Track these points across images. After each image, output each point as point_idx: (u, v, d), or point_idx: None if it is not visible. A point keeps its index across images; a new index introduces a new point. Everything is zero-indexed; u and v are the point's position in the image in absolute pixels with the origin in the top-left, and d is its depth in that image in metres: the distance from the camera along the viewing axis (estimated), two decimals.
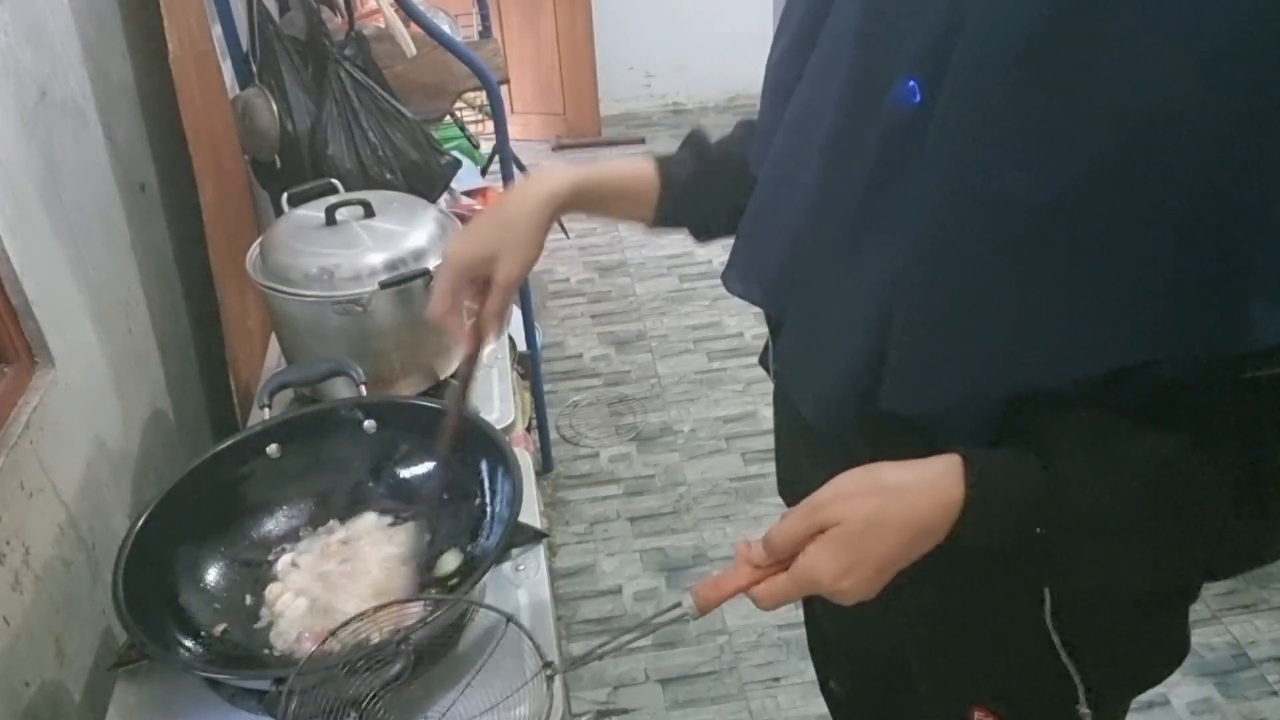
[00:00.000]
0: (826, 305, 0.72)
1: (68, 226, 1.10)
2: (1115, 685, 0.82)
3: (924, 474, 0.63)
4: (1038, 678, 0.79)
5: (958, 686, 0.85)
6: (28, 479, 0.94)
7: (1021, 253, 0.59)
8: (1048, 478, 0.61)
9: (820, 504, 0.64)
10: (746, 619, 1.98)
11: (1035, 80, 0.56)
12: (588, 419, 2.62)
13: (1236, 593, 1.96)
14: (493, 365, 1.39)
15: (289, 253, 1.20)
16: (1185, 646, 0.82)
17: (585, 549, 2.18)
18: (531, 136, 4.29)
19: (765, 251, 0.80)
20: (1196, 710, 1.75)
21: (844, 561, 0.63)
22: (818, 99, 0.71)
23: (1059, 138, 0.56)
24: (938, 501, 0.62)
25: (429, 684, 0.87)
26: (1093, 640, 0.77)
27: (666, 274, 3.26)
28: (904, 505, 0.63)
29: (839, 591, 0.64)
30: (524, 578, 0.98)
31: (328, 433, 1.07)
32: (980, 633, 0.80)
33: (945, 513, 0.62)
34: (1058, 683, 0.78)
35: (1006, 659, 0.80)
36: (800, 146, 0.73)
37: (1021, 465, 0.62)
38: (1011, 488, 0.62)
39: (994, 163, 0.58)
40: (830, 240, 0.71)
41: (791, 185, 0.75)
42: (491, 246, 0.81)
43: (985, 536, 0.63)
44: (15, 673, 0.88)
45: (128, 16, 1.36)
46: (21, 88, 1.03)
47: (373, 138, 1.68)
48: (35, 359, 1.01)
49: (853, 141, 0.67)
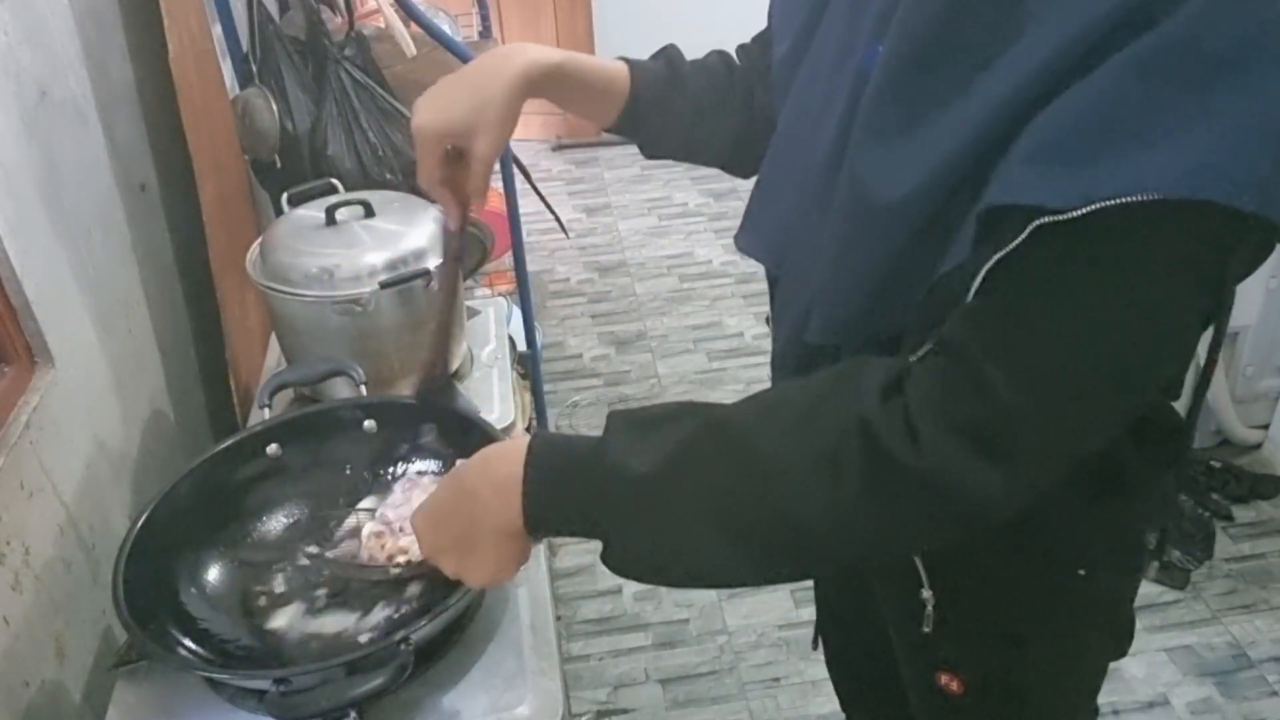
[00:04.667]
0: (804, 258, 0.76)
1: (68, 226, 1.10)
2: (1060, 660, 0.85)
3: (492, 446, 0.73)
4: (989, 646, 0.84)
5: (924, 651, 0.88)
6: (28, 479, 0.94)
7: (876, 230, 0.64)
8: (597, 450, 0.65)
9: None
10: (747, 619, 1.98)
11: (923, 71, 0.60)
12: (588, 419, 2.62)
13: (1236, 593, 1.96)
14: (493, 365, 1.39)
15: (289, 253, 1.20)
16: (1128, 631, 0.86)
17: (585, 549, 2.18)
18: (531, 136, 4.29)
19: (768, 211, 0.83)
20: (1196, 710, 1.75)
21: (422, 508, 0.76)
22: (815, 66, 0.75)
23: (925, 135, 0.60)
24: (481, 462, 0.71)
25: (429, 684, 0.87)
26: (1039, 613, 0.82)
27: (666, 274, 3.27)
28: (459, 466, 0.74)
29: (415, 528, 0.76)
30: (524, 578, 0.98)
31: (328, 433, 1.07)
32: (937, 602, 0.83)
33: (485, 476, 0.70)
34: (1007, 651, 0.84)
35: (960, 628, 0.83)
36: (801, 110, 0.77)
37: (580, 444, 0.67)
38: (561, 455, 0.67)
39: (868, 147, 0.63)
40: (812, 199, 0.74)
41: (792, 148, 0.78)
42: (469, 119, 0.78)
43: (548, 510, 0.67)
44: (15, 673, 0.88)
45: (128, 16, 1.36)
46: (21, 88, 1.03)
47: (373, 138, 1.68)
48: (35, 359, 1.01)
49: (829, 105, 0.71)
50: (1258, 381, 2.23)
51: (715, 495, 0.63)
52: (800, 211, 0.76)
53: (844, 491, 0.59)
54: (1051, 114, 0.53)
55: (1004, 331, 0.56)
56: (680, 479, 0.63)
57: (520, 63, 0.80)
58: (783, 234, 0.80)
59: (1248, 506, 2.16)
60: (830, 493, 0.60)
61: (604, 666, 1.91)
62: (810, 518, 0.61)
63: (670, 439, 0.64)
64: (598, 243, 3.48)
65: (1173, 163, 0.49)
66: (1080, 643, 0.85)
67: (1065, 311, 0.55)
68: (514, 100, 0.79)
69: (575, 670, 1.89)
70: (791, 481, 0.60)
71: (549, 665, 0.89)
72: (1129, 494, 0.77)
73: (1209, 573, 2.00)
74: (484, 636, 0.91)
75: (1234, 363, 2.20)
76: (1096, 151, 0.51)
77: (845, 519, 0.61)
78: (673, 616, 2.01)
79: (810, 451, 0.60)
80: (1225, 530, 2.10)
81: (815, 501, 0.60)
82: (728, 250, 3.32)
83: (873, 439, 0.58)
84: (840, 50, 0.71)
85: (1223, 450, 2.28)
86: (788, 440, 0.61)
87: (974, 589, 0.80)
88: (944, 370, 0.58)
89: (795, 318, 0.77)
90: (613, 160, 4.06)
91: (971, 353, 0.57)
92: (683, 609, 2.02)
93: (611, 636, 1.97)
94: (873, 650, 1.04)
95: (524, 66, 0.79)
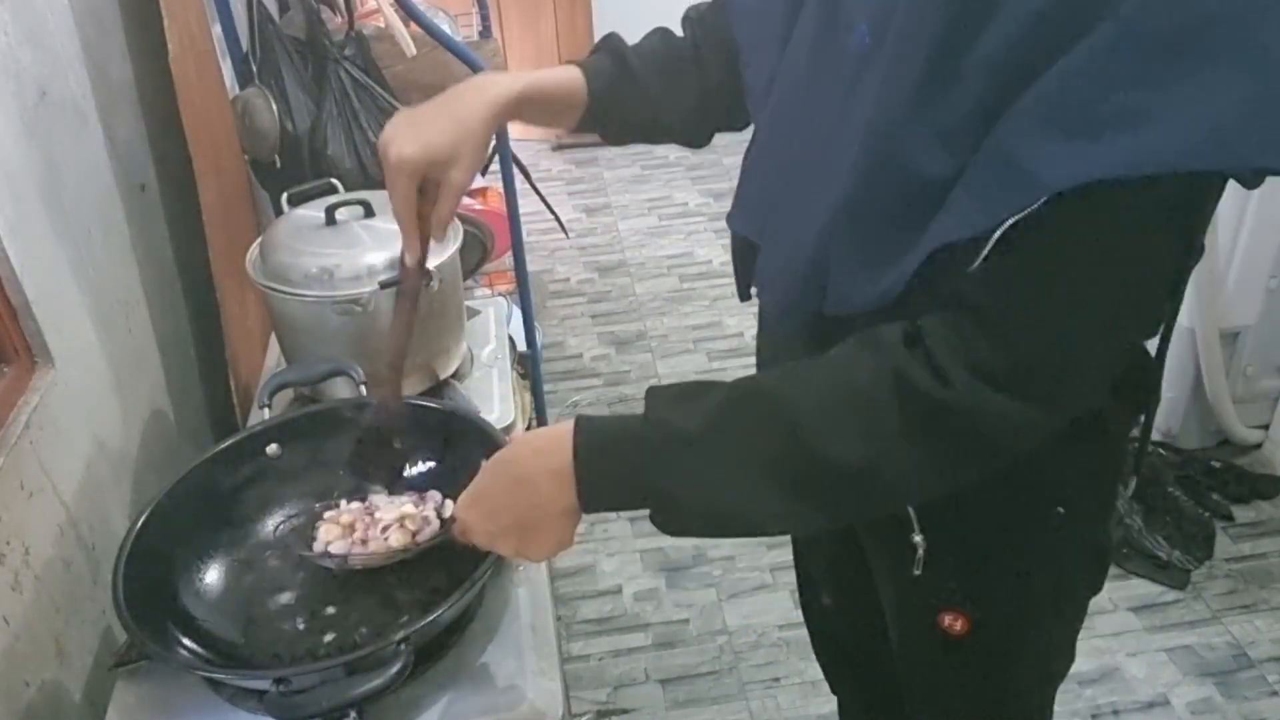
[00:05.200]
0: (791, 226, 0.80)
1: (68, 226, 1.10)
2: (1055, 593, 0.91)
3: (539, 431, 0.75)
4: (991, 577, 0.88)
5: (926, 593, 0.90)
6: (28, 479, 0.94)
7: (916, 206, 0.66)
8: (643, 421, 0.70)
9: None
10: (747, 619, 1.98)
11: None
12: None
13: (1236, 593, 1.96)
14: (493, 365, 1.39)
15: (289, 253, 1.20)
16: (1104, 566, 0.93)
17: (585, 549, 2.18)
18: (531, 136, 4.29)
19: (752, 185, 0.90)
20: (1196, 710, 1.75)
21: (467, 494, 0.78)
22: (797, 51, 0.80)
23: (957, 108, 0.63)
24: (535, 451, 0.74)
25: (429, 684, 0.87)
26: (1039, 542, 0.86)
27: (666, 274, 3.26)
28: (506, 452, 0.77)
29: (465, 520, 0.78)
30: (524, 578, 0.98)
31: (328, 433, 1.07)
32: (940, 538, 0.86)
33: (540, 462, 0.72)
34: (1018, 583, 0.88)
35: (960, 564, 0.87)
36: (789, 92, 0.82)
37: (623, 421, 0.71)
38: (608, 433, 0.71)
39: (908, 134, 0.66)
40: (798, 171, 0.79)
41: (777, 128, 0.84)
42: (447, 150, 0.81)
43: (602, 487, 0.71)
44: (15, 673, 0.88)
45: (128, 16, 1.36)
46: (21, 88, 1.03)
47: (373, 137, 1.68)
48: (35, 359, 1.01)
49: (819, 84, 0.76)
50: (1258, 381, 2.23)
51: (761, 450, 0.67)
52: (786, 183, 0.82)
53: (882, 435, 0.65)
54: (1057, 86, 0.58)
55: (1019, 288, 0.62)
56: (726, 437, 0.68)
57: (493, 94, 0.84)
58: (765, 205, 0.86)
59: (1248, 506, 2.15)
60: (868, 438, 0.65)
61: (604, 666, 1.90)
62: (851, 464, 0.66)
63: (711, 402, 0.69)
64: (598, 243, 3.47)
65: (1173, 137, 0.55)
66: (1068, 576, 0.90)
67: (1075, 269, 0.61)
68: (490, 130, 0.84)
69: (575, 670, 1.89)
70: (832, 432, 0.66)
71: (549, 665, 0.89)
72: (1104, 437, 0.83)
73: (1209, 573, 2.00)
74: (484, 636, 0.91)
75: (1234, 363, 2.20)
76: (1103, 126, 0.56)
77: (884, 461, 0.66)
78: (673, 616, 2.01)
79: (846, 403, 0.66)
80: (1225, 530, 2.10)
81: (855, 448, 0.65)
82: (728, 250, 3.32)
83: (906, 383, 0.64)
84: (821, 31, 0.76)
85: (1223, 450, 2.27)
86: (823, 395, 0.67)
87: (964, 528, 0.84)
88: (962, 323, 0.64)
89: (790, 284, 0.80)
90: (613, 160, 4.06)
91: (989, 307, 0.63)
92: (683, 609, 2.02)
93: (611, 636, 1.97)
94: (856, 621, 1.10)
95: (496, 96, 0.84)
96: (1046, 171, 0.58)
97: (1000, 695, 0.98)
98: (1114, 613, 1.94)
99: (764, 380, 0.71)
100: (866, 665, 1.21)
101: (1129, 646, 1.87)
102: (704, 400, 0.69)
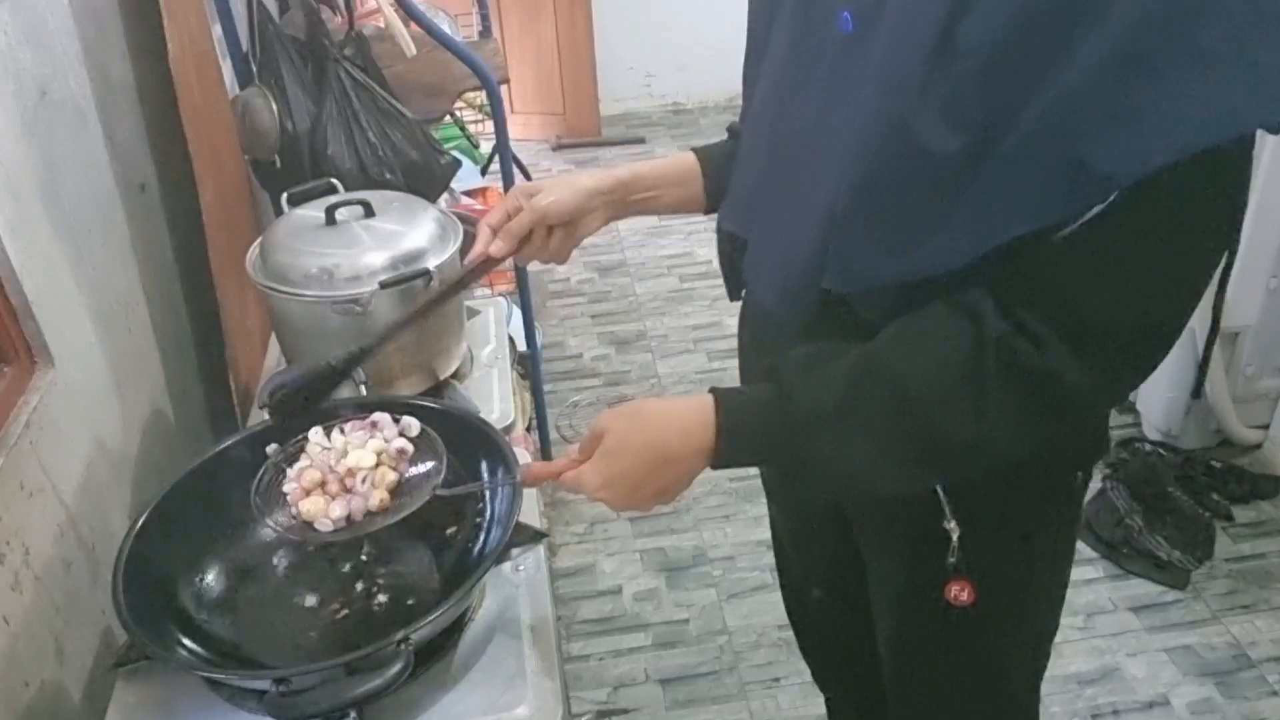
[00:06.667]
0: (788, 213, 0.83)
1: (67, 226, 1.10)
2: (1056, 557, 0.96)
3: (679, 410, 0.78)
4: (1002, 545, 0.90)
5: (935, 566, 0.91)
6: (28, 479, 0.94)
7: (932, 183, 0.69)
8: (775, 390, 0.75)
9: (604, 416, 0.80)
10: (747, 619, 1.98)
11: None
12: (588, 419, 2.62)
13: (1236, 593, 1.96)
14: (493, 365, 1.39)
15: (289, 253, 1.20)
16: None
17: (585, 549, 2.18)
18: (531, 136, 4.29)
19: (742, 185, 0.93)
20: (1196, 710, 1.75)
21: (601, 474, 0.78)
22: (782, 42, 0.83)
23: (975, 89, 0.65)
24: (683, 434, 0.77)
25: (429, 684, 0.87)
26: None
27: (666, 274, 3.27)
28: (648, 433, 0.78)
29: (601, 499, 0.79)
30: (524, 578, 0.98)
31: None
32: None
33: (689, 443, 0.76)
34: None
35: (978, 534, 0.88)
36: (778, 83, 0.85)
37: (756, 391, 0.77)
38: (750, 411, 0.76)
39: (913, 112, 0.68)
40: (789, 159, 0.82)
41: (761, 122, 0.87)
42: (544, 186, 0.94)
43: (743, 459, 0.79)
44: (15, 673, 0.88)
45: (128, 16, 1.36)
46: (21, 88, 1.03)
47: (373, 137, 1.68)
48: (35, 359, 1.01)
49: (803, 73, 0.80)
50: (1258, 381, 2.23)
51: (884, 425, 0.73)
52: (774, 175, 0.85)
53: (988, 405, 0.70)
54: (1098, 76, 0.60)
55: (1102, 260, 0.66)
56: (854, 415, 0.73)
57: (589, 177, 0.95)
58: (754, 200, 0.89)
59: (1248, 506, 2.16)
60: (979, 411, 0.70)
61: (604, 666, 1.91)
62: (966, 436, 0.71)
63: (838, 378, 0.74)
64: (597, 243, 3.47)
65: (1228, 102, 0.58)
66: (1070, 537, 0.95)
67: (1151, 249, 0.65)
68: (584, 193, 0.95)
69: (575, 670, 1.89)
70: (945, 406, 0.71)
71: (549, 665, 0.89)
72: None
73: (1209, 573, 2.00)
74: (484, 636, 0.91)
75: (1234, 363, 2.20)
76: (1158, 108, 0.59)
77: (993, 430, 0.71)
78: (673, 616, 2.01)
79: (959, 377, 0.70)
80: (1225, 530, 2.10)
81: (968, 420, 0.71)
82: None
83: (1006, 351, 0.68)
84: (799, 24, 0.80)
85: (1223, 450, 2.28)
86: (934, 369, 0.71)
87: (996, 503, 0.86)
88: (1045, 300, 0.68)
89: (792, 269, 0.83)
90: (613, 160, 4.06)
91: (1071, 287, 0.67)
92: (683, 609, 2.02)
93: (611, 636, 1.97)
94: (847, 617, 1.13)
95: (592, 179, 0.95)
96: (1116, 163, 0.61)
97: (1000, 661, 0.99)
98: (1114, 613, 1.94)
99: (879, 354, 0.74)
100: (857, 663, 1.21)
101: (1129, 646, 1.87)
102: (830, 374, 0.74)
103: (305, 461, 0.94)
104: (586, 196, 0.94)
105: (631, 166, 0.98)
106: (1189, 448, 2.26)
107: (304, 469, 0.93)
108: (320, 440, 0.96)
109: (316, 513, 0.90)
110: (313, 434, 0.97)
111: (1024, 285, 0.69)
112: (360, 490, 0.91)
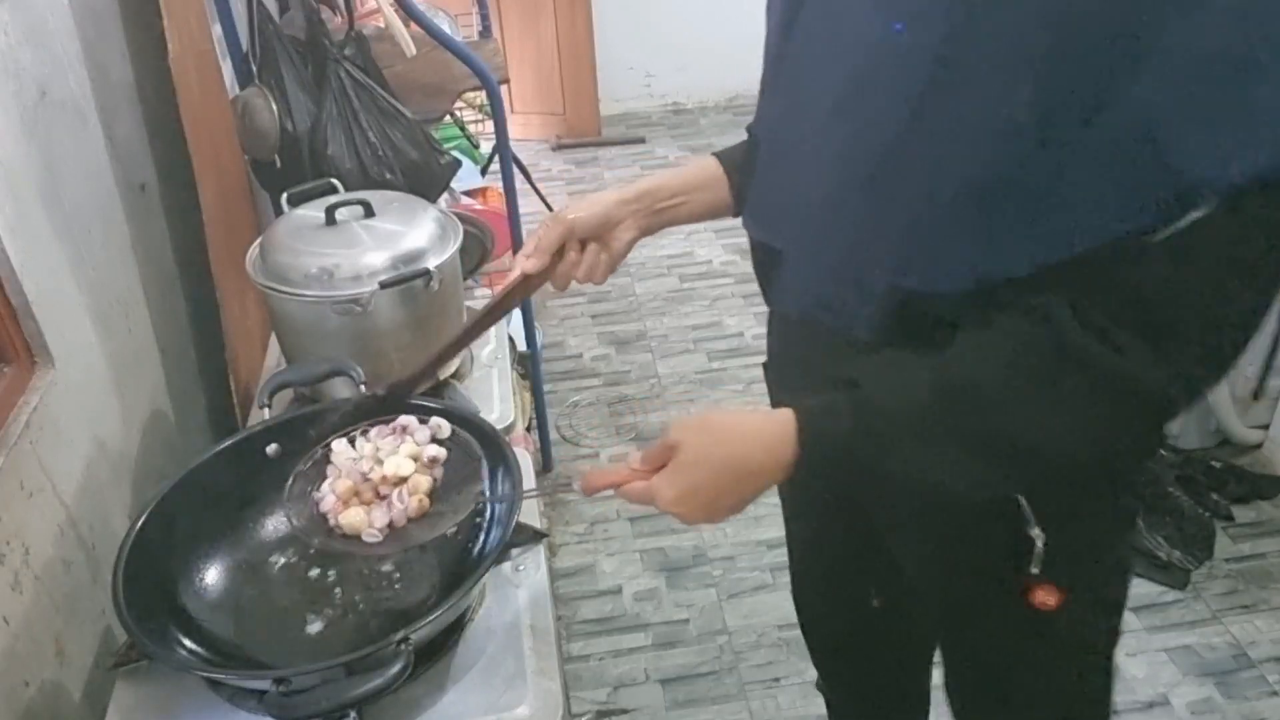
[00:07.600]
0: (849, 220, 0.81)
1: (67, 226, 1.10)
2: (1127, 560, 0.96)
3: (759, 424, 0.76)
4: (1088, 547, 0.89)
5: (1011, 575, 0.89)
6: (28, 479, 0.94)
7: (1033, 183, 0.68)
8: (853, 399, 0.74)
9: (675, 428, 0.78)
10: (747, 619, 1.98)
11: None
12: (588, 419, 2.62)
13: (1236, 593, 1.96)
14: (493, 365, 1.39)
15: (289, 253, 1.20)
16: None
17: (585, 549, 2.18)
18: (531, 136, 4.29)
19: (769, 191, 0.90)
20: (1196, 710, 1.75)
21: (677, 488, 0.76)
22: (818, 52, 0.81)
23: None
24: (765, 449, 0.76)
25: (429, 684, 0.87)
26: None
27: (666, 274, 3.26)
28: (726, 447, 0.76)
29: (676, 514, 0.77)
30: (524, 578, 0.98)
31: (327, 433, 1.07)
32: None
33: (771, 458, 0.75)
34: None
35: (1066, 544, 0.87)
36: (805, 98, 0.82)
37: (835, 401, 0.75)
38: (833, 421, 0.75)
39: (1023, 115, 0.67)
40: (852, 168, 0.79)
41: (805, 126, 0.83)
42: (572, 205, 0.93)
43: (824, 470, 0.78)
44: (15, 673, 0.88)
45: (128, 16, 1.36)
46: (21, 88, 1.03)
47: (373, 137, 1.68)
48: (35, 359, 1.01)
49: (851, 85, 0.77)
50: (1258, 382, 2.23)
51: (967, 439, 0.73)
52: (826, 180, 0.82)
53: (1068, 410, 0.70)
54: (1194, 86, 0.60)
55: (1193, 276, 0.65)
56: (936, 427, 0.73)
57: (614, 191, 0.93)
58: (786, 204, 0.87)
59: (1248, 506, 2.15)
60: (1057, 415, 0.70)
61: (604, 666, 1.90)
62: (1049, 448, 0.72)
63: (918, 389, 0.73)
64: None
65: None
66: (1133, 519, 0.95)
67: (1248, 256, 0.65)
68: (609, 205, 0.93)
69: (575, 670, 1.89)
70: (1024, 413, 0.71)
71: (549, 665, 0.89)
72: None
73: (1209, 573, 2.00)
74: (484, 636, 0.91)
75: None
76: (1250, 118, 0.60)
77: (1075, 440, 0.72)
78: (673, 616, 2.01)
79: (1033, 383, 0.70)
80: (1225, 530, 2.10)
81: (1051, 434, 0.71)
82: (728, 250, 3.32)
83: (1087, 355, 0.68)
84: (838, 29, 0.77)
85: (1223, 450, 2.27)
86: (1016, 381, 0.71)
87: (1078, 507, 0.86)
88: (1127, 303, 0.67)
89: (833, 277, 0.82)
90: (613, 160, 4.06)
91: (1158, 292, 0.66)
92: (683, 609, 2.02)
93: (611, 636, 1.97)
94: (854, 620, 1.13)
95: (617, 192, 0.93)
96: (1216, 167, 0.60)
97: (1083, 661, 0.99)
98: None
99: (959, 361, 0.74)
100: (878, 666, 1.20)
101: (1129, 646, 1.86)
102: (910, 383, 0.74)
103: (335, 473, 0.91)
104: (612, 207, 0.94)
105: (654, 176, 0.97)
106: (1189, 448, 2.26)
107: (336, 480, 0.90)
108: (345, 450, 0.93)
109: (360, 525, 0.87)
110: (336, 445, 0.94)
111: (1106, 289, 0.68)
112: (395, 498, 0.88)
